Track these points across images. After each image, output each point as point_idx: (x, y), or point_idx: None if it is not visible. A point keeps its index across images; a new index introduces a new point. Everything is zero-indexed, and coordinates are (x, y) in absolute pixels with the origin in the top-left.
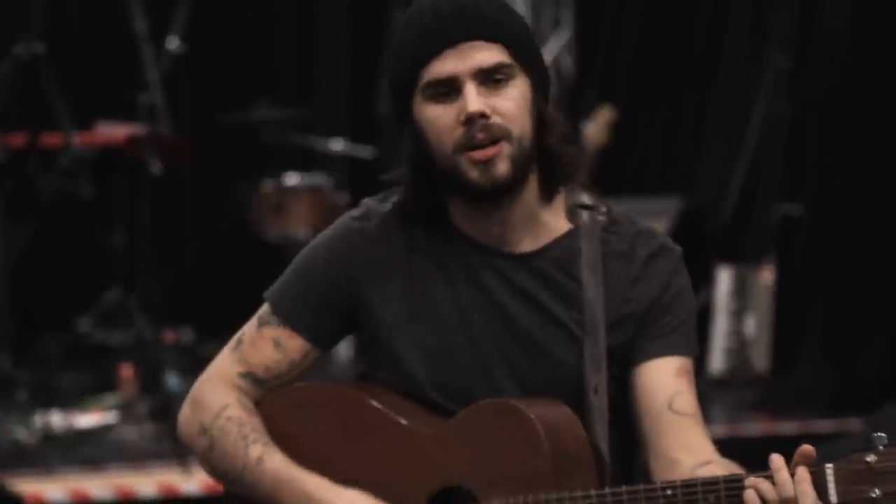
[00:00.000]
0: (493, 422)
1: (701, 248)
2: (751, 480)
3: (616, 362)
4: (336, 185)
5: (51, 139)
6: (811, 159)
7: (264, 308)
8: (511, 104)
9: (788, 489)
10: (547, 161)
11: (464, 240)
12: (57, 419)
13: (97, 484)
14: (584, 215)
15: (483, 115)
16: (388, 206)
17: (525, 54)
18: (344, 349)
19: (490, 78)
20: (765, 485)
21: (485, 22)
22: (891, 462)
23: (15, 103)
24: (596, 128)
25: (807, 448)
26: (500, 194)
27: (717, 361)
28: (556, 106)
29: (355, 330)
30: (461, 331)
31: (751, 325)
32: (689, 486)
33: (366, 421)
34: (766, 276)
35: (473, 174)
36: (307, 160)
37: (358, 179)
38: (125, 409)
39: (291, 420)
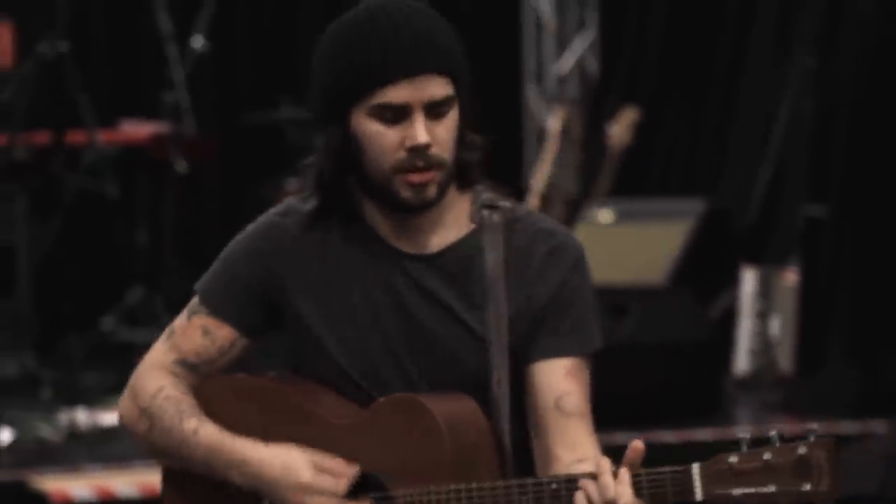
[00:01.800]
0: (399, 416)
1: (725, 249)
2: (582, 482)
3: (516, 358)
4: None
5: (75, 137)
6: (836, 160)
7: (194, 299)
8: (448, 135)
9: (609, 491)
10: (460, 172)
11: (376, 239)
12: (82, 417)
13: (122, 481)
14: (487, 214)
15: (427, 146)
16: (308, 205)
17: (463, 85)
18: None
19: (435, 109)
20: (591, 486)
21: (440, 55)
22: (752, 463)
23: (40, 101)
24: (620, 129)
25: (636, 445)
26: (425, 211)
27: (742, 363)
28: (581, 107)
29: (279, 321)
30: (374, 328)
31: (775, 326)
32: (571, 480)
33: (287, 412)
34: (791, 277)
35: (406, 194)
36: None
37: None
38: None
39: (221, 407)
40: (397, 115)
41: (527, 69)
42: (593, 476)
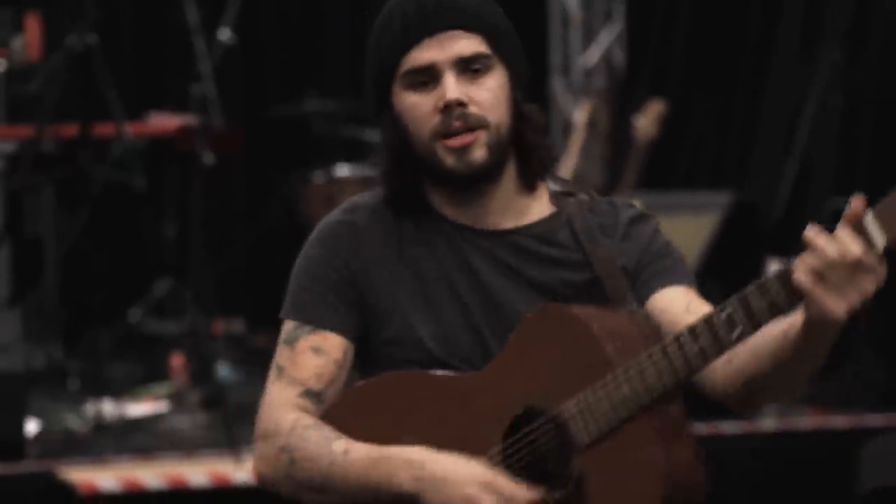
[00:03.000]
0: (537, 332)
1: (752, 242)
2: (796, 261)
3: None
4: None
5: (103, 130)
6: (863, 154)
7: (286, 328)
8: (488, 94)
9: (830, 251)
10: (524, 152)
11: (445, 222)
12: (109, 408)
13: (149, 473)
14: (568, 200)
15: (461, 104)
16: (373, 198)
17: (504, 46)
18: None
19: (468, 67)
20: (809, 258)
21: (465, 12)
22: None
23: (68, 94)
24: (646, 121)
25: (858, 198)
26: (477, 180)
27: None
28: (607, 99)
29: (366, 314)
30: (456, 311)
31: None
32: (741, 298)
33: (418, 391)
34: None
35: (450, 161)
36: (357, 151)
37: None
38: (177, 399)
39: (356, 423)
40: (427, 78)
41: (553, 62)
42: (783, 272)
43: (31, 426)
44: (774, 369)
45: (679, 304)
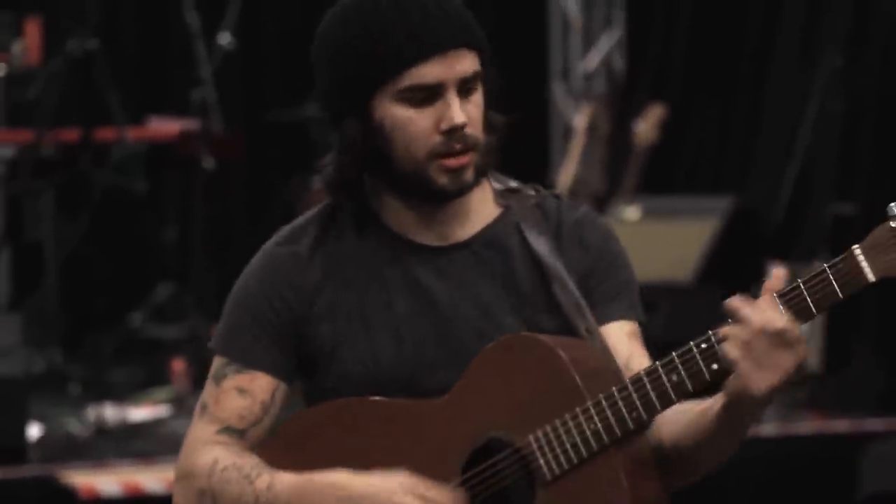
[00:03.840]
0: (503, 360)
1: (753, 247)
2: (724, 330)
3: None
4: None
5: (103, 134)
6: (864, 158)
7: (215, 363)
8: (478, 112)
9: (753, 321)
10: (487, 129)
11: (395, 238)
12: (110, 412)
13: (150, 477)
14: (513, 197)
15: (464, 126)
16: (309, 222)
17: (487, 60)
18: None
19: (466, 87)
20: (734, 328)
21: (469, 28)
22: None
23: (68, 99)
24: (646, 126)
25: (777, 272)
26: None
27: None
28: (607, 104)
29: (303, 353)
30: (400, 337)
31: (802, 324)
32: (716, 334)
33: (367, 419)
34: None
35: (443, 180)
36: None
37: None
38: (178, 403)
39: (293, 458)
40: (430, 95)
41: (553, 67)
42: (707, 339)
43: (33, 431)
44: (690, 446)
45: (618, 356)
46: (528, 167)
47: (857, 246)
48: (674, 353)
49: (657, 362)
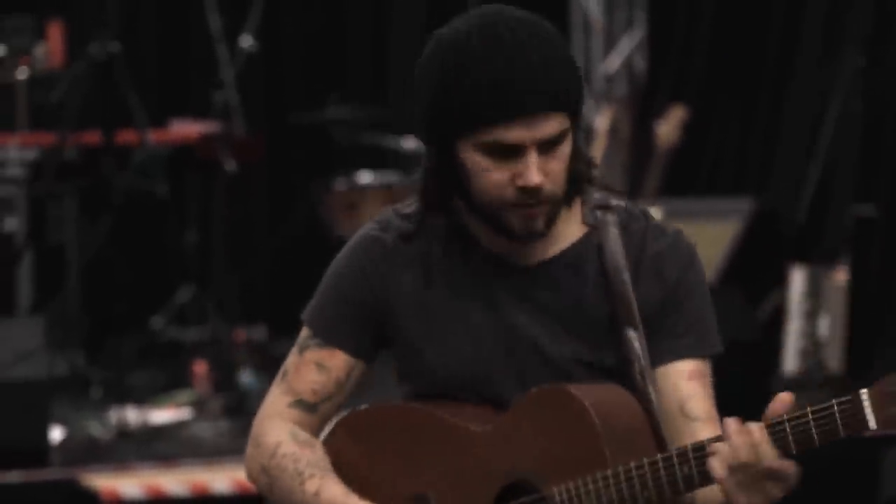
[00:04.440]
0: (543, 409)
1: (774, 248)
2: (713, 446)
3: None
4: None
5: (125, 137)
6: (886, 159)
7: (303, 332)
8: (561, 167)
9: (743, 453)
10: (572, 181)
11: (479, 251)
12: (132, 415)
13: (172, 480)
14: (601, 214)
15: (540, 185)
16: (404, 216)
17: (578, 109)
18: None
19: (549, 145)
20: (725, 450)
21: (555, 93)
22: None
23: (90, 101)
24: (668, 128)
25: (783, 397)
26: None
27: (791, 362)
28: (629, 106)
29: (385, 337)
30: (475, 347)
31: (824, 326)
32: (693, 449)
33: (424, 431)
34: (840, 276)
35: (515, 224)
36: (379, 159)
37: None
38: (199, 406)
39: (351, 448)
40: (508, 152)
41: None
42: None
43: (55, 434)
44: None
45: (676, 396)
46: None
47: (864, 391)
48: (674, 450)
49: (674, 450)
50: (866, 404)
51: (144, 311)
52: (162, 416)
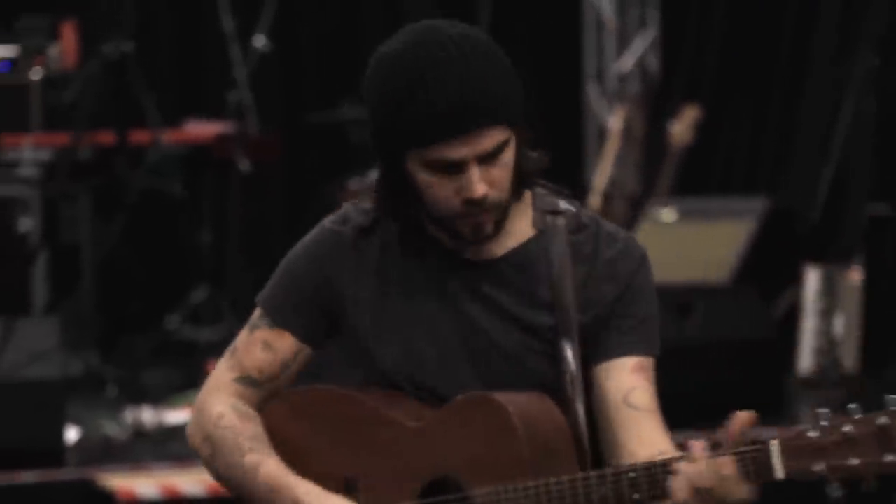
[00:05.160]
0: (472, 414)
1: (789, 247)
2: (676, 465)
3: (582, 361)
4: None
5: (139, 137)
6: None
7: (255, 312)
8: (504, 174)
9: (708, 476)
10: (517, 177)
11: (436, 247)
12: (147, 415)
13: (188, 479)
14: (550, 219)
15: (484, 196)
16: (363, 211)
17: (518, 118)
18: None
19: (491, 156)
20: (689, 470)
21: (493, 107)
22: (832, 437)
23: (104, 101)
24: (681, 127)
25: (743, 416)
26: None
27: (806, 361)
28: (642, 105)
29: (337, 329)
30: (429, 341)
31: (839, 324)
32: (647, 467)
33: (359, 418)
34: (855, 275)
35: (464, 231)
36: None
37: None
38: None
39: (290, 424)
40: (451, 168)
41: (588, 68)
42: (663, 464)
43: (70, 434)
44: None
45: (620, 388)
46: (563, 169)
47: (774, 441)
48: (608, 471)
49: (593, 472)
50: (775, 454)
51: (159, 310)
52: (177, 415)
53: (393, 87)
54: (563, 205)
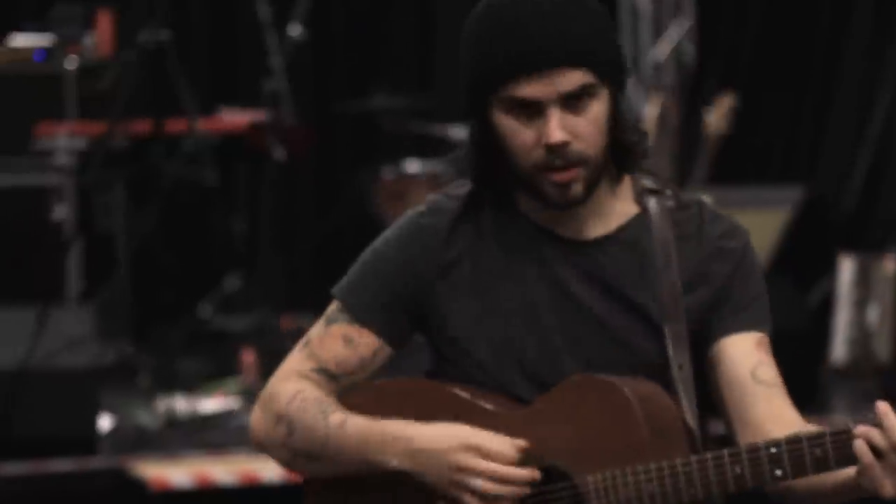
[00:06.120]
0: (584, 397)
1: (824, 237)
2: (860, 430)
3: (694, 343)
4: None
5: (174, 126)
6: None
7: (332, 306)
8: (591, 126)
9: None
10: (617, 152)
11: (532, 227)
12: (180, 404)
13: (221, 468)
14: (652, 199)
15: (564, 144)
16: (454, 198)
17: (608, 69)
18: None
19: (573, 101)
20: (874, 433)
21: (572, 47)
22: None
23: (140, 90)
24: (717, 116)
25: None
26: (573, 209)
27: (840, 352)
28: (677, 94)
29: (424, 326)
30: (530, 326)
31: (873, 314)
32: (794, 441)
33: (448, 409)
34: (890, 265)
35: (550, 191)
36: (427, 147)
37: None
38: (247, 395)
39: (375, 413)
40: (530, 110)
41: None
42: (843, 431)
43: (104, 422)
44: (802, 492)
45: (746, 364)
46: None
47: None
48: (743, 447)
49: (726, 450)
50: None
51: (192, 299)
52: (210, 404)
53: (476, 32)
54: (664, 187)
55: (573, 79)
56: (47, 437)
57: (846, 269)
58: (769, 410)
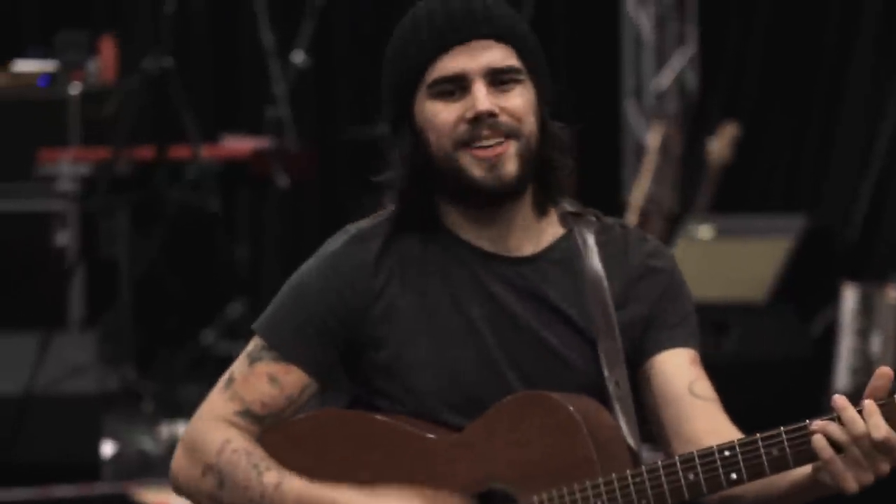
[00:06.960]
0: (524, 415)
1: (827, 266)
2: (817, 424)
3: (626, 361)
4: None
5: (178, 152)
6: None
7: (254, 343)
8: (520, 105)
9: (858, 426)
10: (546, 171)
11: (462, 246)
12: (183, 430)
13: None
14: (576, 221)
15: (492, 114)
16: (377, 225)
17: (533, 61)
18: None
19: (499, 79)
20: (832, 426)
21: (497, 22)
22: None
23: (143, 116)
24: (720, 145)
25: (883, 372)
26: (505, 195)
27: (843, 380)
28: (680, 123)
29: (353, 358)
30: (469, 343)
31: (876, 343)
32: (748, 443)
33: (378, 439)
34: (893, 294)
35: (477, 172)
36: None
37: None
38: None
39: (295, 454)
40: (455, 88)
41: (626, 85)
42: (799, 428)
43: (107, 448)
44: (750, 499)
45: (683, 379)
46: (600, 186)
47: None
48: (695, 453)
49: (677, 457)
50: None
51: (195, 325)
52: None
53: (401, 30)
54: (583, 209)
55: (498, 54)
56: (51, 463)
57: (849, 297)
58: (709, 425)
